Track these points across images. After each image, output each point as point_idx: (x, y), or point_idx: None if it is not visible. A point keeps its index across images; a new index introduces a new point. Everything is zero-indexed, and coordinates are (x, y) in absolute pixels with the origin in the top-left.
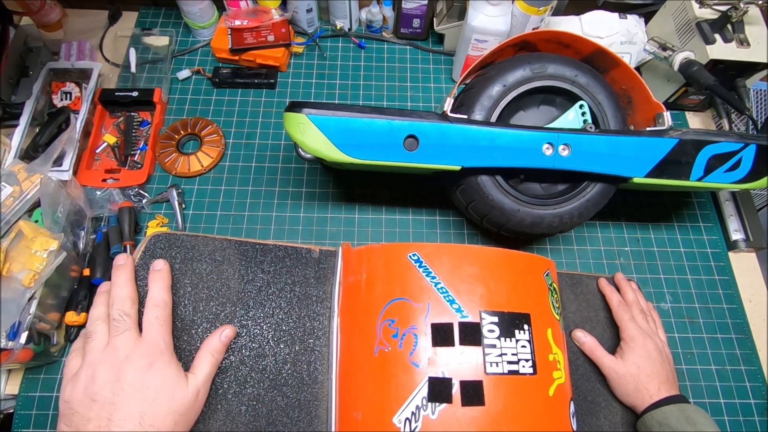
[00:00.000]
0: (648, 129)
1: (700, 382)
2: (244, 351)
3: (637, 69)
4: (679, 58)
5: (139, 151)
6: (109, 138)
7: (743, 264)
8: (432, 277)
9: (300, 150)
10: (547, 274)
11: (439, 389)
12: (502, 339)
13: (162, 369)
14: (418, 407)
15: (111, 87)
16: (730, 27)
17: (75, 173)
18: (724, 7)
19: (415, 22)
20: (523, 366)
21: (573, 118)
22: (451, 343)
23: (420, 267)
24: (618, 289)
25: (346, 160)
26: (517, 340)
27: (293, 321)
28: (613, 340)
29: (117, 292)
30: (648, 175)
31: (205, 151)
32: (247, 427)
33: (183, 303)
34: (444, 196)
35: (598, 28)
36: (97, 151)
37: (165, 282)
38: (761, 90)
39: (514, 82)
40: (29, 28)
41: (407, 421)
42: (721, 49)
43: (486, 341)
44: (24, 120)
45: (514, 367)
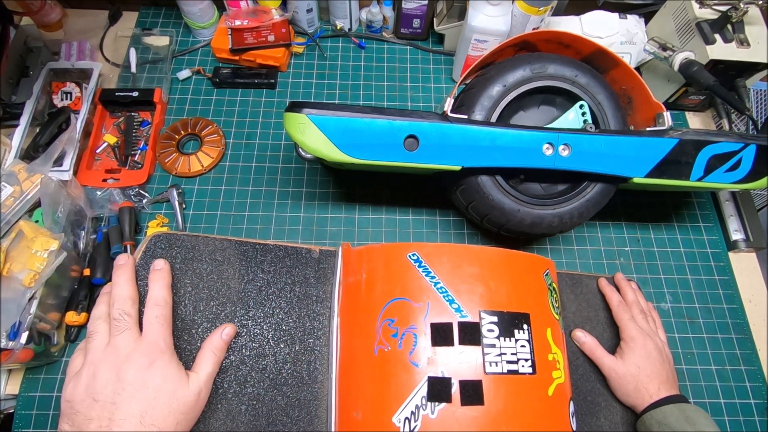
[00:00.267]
0: (648, 129)
1: (700, 382)
2: (244, 350)
3: (637, 69)
4: (679, 58)
5: (139, 151)
6: (110, 138)
7: (743, 264)
8: (431, 277)
9: (300, 150)
10: (546, 274)
11: (438, 389)
12: (501, 339)
13: (162, 368)
14: (417, 407)
15: (111, 87)
16: (730, 27)
17: (75, 173)
18: (724, 7)
19: (415, 22)
20: (523, 366)
21: (573, 118)
22: (450, 342)
23: (419, 267)
24: (618, 289)
25: (347, 160)
26: (516, 340)
27: (293, 321)
28: (613, 340)
29: (117, 292)
30: (648, 175)
31: (205, 151)
32: (248, 427)
33: (183, 303)
34: (444, 196)
35: (598, 28)
36: (98, 151)
37: (165, 281)
38: (761, 90)
39: (514, 82)
40: (29, 28)
41: (407, 420)
42: (721, 49)
43: (485, 341)
44: (24, 120)
45: (513, 366)
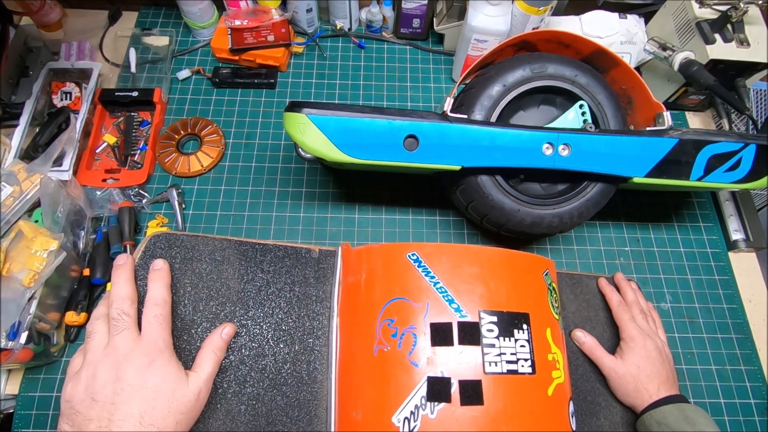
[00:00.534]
0: (648, 129)
1: (700, 382)
2: (243, 350)
3: (637, 69)
4: (679, 58)
5: (139, 151)
6: (109, 138)
7: (743, 264)
8: (431, 277)
9: (300, 150)
10: (546, 274)
11: (438, 389)
12: (501, 338)
13: (162, 367)
14: (417, 407)
15: (111, 87)
16: (730, 27)
17: (75, 173)
18: (724, 7)
19: (415, 22)
20: (522, 365)
21: (573, 118)
22: (450, 342)
23: (419, 267)
24: (618, 289)
25: (346, 160)
26: (516, 340)
27: (293, 321)
28: (613, 340)
29: (116, 292)
30: (648, 175)
31: (205, 151)
32: (247, 427)
33: (183, 303)
34: (444, 196)
35: (598, 28)
36: (97, 151)
37: (164, 281)
38: (761, 90)
39: (514, 82)
40: (29, 28)
41: (406, 420)
42: (721, 49)
43: (485, 341)
44: (24, 120)
45: (513, 366)
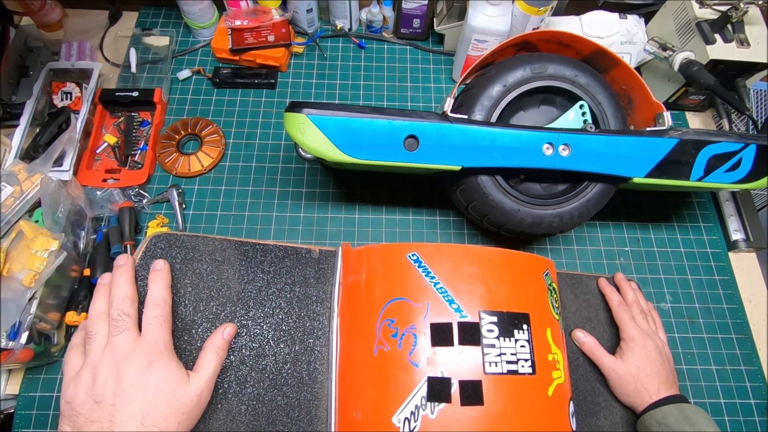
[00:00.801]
0: (648, 129)
1: (700, 382)
2: (244, 351)
3: (637, 69)
4: (679, 58)
5: (139, 151)
6: (110, 138)
7: (743, 264)
8: (431, 277)
9: (300, 150)
10: (546, 274)
11: (438, 389)
12: (501, 339)
13: (162, 368)
14: (417, 407)
15: (111, 87)
16: (730, 27)
17: (75, 173)
18: (724, 7)
19: (415, 22)
20: (522, 366)
21: (573, 118)
22: (450, 342)
23: (419, 267)
24: (618, 289)
25: (347, 160)
26: (516, 340)
27: (293, 321)
28: (613, 340)
29: (117, 292)
30: (648, 175)
31: (205, 151)
32: (247, 427)
33: (183, 303)
34: (444, 196)
35: (598, 28)
36: (98, 151)
37: (165, 281)
38: (761, 90)
39: (514, 82)
40: (29, 28)
41: (406, 420)
42: (721, 49)
43: (485, 341)
44: (24, 120)
45: (513, 366)
